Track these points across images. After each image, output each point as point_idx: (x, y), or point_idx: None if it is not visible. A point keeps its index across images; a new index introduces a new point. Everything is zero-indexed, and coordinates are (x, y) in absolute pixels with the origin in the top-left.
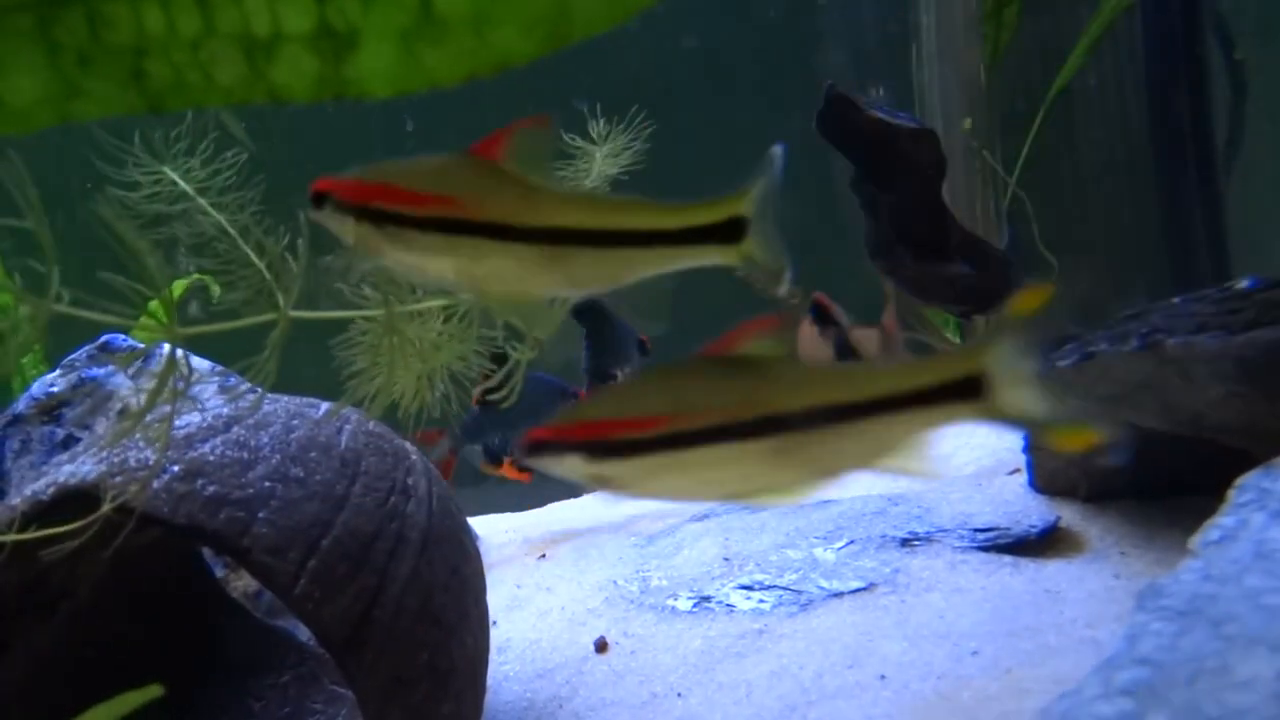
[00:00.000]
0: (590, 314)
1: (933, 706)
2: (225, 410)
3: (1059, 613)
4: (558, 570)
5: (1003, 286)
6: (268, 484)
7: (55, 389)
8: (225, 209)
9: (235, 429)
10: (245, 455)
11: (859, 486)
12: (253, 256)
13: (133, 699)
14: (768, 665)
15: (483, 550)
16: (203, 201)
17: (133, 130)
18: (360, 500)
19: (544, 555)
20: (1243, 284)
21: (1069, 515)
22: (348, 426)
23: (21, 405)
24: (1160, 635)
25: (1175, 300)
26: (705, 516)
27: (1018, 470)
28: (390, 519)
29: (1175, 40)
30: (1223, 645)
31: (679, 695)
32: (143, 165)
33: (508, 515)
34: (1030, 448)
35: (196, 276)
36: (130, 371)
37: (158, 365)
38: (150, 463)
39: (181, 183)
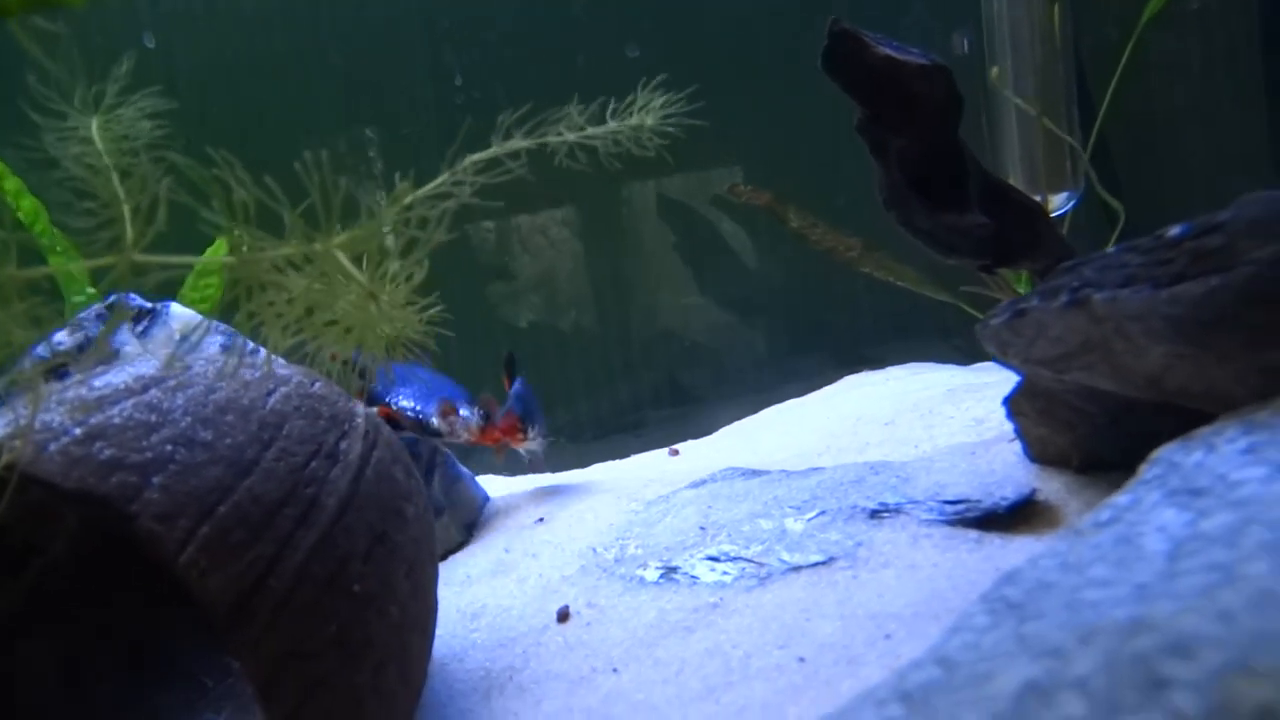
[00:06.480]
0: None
1: (819, 696)
2: (149, 371)
3: None
4: (548, 535)
5: (1027, 238)
6: (169, 448)
7: (62, 347)
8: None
9: (153, 391)
10: (153, 418)
11: (847, 455)
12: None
13: None
14: (707, 642)
15: (488, 514)
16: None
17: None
18: (273, 465)
19: (542, 519)
20: (1174, 231)
21: (1056, 487)
22: (282, 389)
23: (26, 363)
24: (972, 631)
25: (1110, 250)
26: (701, 483)
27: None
28: (306, 484)
29: None
30: (1012, 647)
31: (614, 671)
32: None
33: (546, 476)
34: (1012, 414)
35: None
36: (137, 330)
37: (168, 326)
38: (56, 424)
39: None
